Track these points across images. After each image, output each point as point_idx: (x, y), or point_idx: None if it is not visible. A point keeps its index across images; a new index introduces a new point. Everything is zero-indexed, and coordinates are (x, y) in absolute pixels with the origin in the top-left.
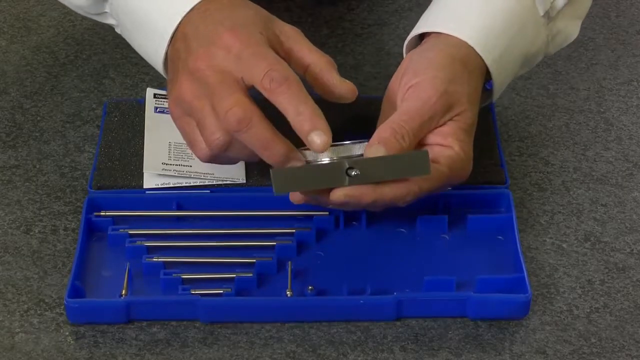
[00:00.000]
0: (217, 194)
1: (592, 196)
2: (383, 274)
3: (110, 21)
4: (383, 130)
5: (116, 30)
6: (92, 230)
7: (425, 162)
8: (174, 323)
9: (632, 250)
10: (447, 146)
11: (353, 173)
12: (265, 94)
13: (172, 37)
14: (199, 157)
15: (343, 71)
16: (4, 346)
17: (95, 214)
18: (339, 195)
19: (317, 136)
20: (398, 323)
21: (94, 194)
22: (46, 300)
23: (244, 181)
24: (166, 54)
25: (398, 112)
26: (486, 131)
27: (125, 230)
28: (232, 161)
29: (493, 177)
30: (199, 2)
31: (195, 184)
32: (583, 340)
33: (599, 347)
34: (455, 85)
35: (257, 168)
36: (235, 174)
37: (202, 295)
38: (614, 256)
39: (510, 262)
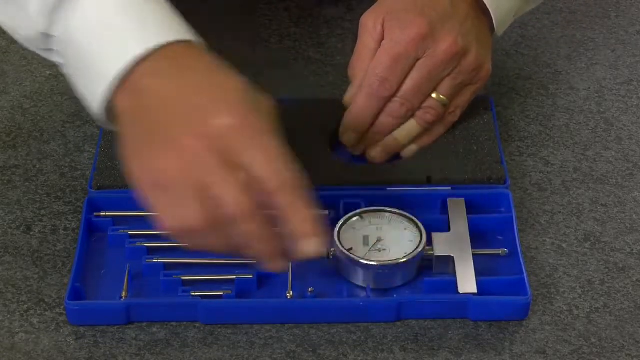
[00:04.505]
0: None
1: (592, 196)
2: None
3: (55, 59)
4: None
5: (62, 70)
6: (92, 231)
7: None
8: (174, 323)
9: (632, 250)
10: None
11: None
12: (268, 193)
13: (121, 83)
14: (166, 230)
15: (343, 71)
16: (4, 346)
17: (95, 214)
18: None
19: (312, 243)
20: (398, 323)
21: (94, 194)
22: (46, 300)
23: None
24: (111, 100)
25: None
26: (486, 131)
27: (126, 230)
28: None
29: (493, 173)
30: (162, 49)
31: None
32: (583, 340)
33: (599, 347)
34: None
35: None
36: None
37: (202, 297)
38: (614, 256)
39: (510, 262)
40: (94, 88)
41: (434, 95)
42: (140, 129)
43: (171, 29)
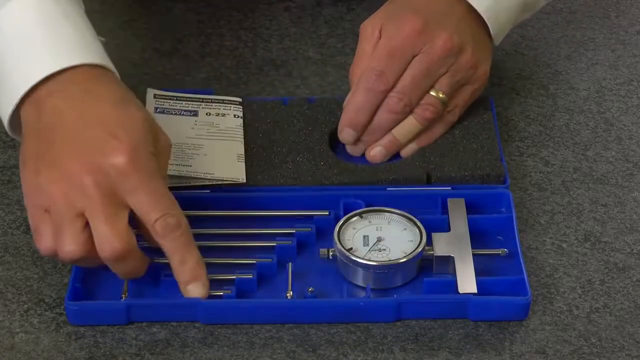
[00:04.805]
0: (217, 194)
1: (592, 196)
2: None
3: None
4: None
5: None
6: None
7: None
8: (174, 323)
9: (632, 250)
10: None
11: None
12: (154, 236)
13: (28, 97)
14: (40, 249)
15: (343, 71)
16: (4, 346)
17: None
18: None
19: (196, 287)
20: (398, 323)
21: None
22: (46, 300)
23: (244, 181)
24: (15, 112)
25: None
26: (486, 130)
27: None
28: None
29: (493, 170)
30: (73, 71)
31: (195, 184)
32: (583, 340)
33: (599, 347)
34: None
35: (257, 168)
36: (235, 174)
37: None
38: (614, 256)
39: (510, 262)
40: (5, 98)
41: (432, 92)
42: (36, 146)
43: (85, 51)
